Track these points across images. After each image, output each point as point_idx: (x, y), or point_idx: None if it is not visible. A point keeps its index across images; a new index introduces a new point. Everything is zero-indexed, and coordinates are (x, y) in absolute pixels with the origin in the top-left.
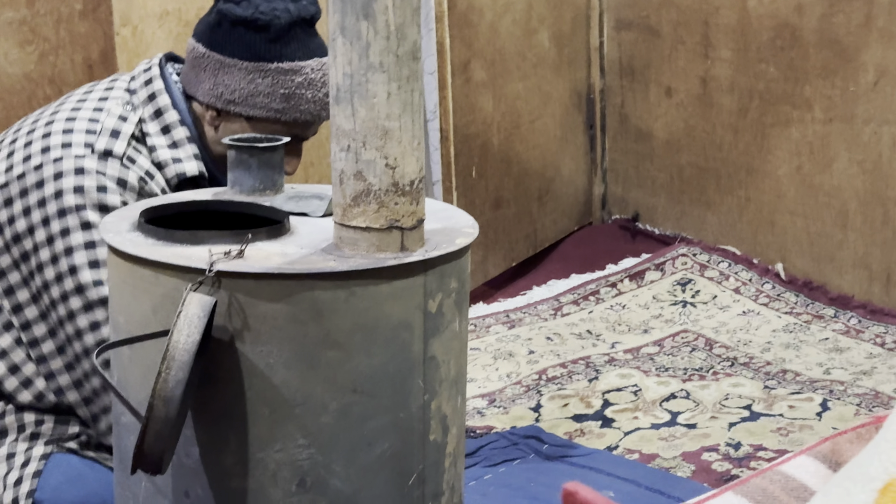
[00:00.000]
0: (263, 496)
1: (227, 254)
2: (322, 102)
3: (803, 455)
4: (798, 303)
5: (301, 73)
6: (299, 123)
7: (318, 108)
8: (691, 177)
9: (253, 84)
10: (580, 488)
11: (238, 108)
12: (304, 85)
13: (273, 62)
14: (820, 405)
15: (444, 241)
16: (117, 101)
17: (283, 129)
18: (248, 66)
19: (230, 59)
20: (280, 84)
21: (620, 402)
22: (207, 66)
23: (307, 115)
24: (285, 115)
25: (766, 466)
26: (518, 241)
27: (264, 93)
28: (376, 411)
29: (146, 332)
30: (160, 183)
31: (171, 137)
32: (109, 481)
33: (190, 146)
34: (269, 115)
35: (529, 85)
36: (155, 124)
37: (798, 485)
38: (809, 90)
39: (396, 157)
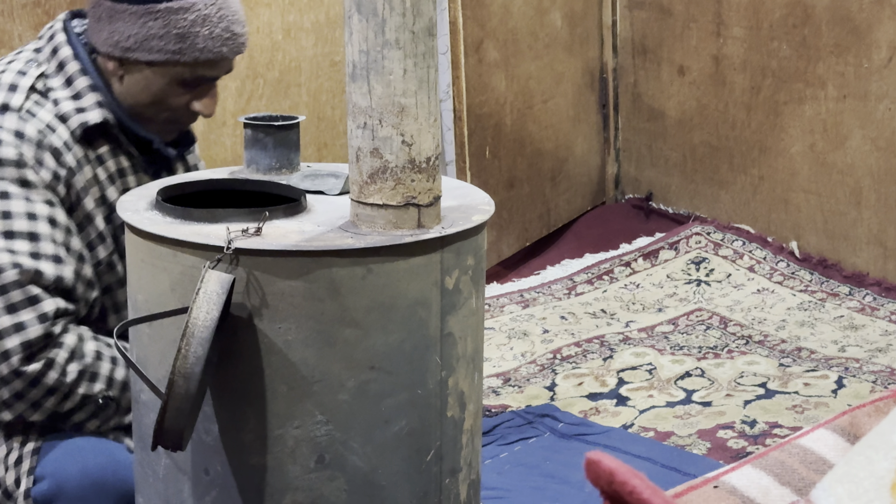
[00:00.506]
0: (282, 473)
1: (244, 231)
2: (221, 38)
3: (822, 428)
4: (812, 281)
5: (193, 10)
6: (201, 63)
7: (218, 45)
8: (704, 155)
9: (145, 28)
10: (603, 457)
11: (135, 55)
12: (199, 22)
13: (161, 2)
14: (835, 382)
15: (461, 218)
16: (21, 60)
17: (186, 70)
18: (137, 9)
19: (120, 4)
20: (172, 24)
21: (635, 380)
22: (102, 15)
23: (207, 54)
24: (184, 55)
25: (784, 440)
26: (532, 221)
27: (157, 35)
28: (394, 388)
29: (165, 309)
30: (63, 136)
31: (74, 88)
32: (107, 451)
33: (92, 94)
34: (167, 57)
35: (542, 64)
36: (59, 78)
37: (817, 458)
38: (822, 68)
39: (413, 134)
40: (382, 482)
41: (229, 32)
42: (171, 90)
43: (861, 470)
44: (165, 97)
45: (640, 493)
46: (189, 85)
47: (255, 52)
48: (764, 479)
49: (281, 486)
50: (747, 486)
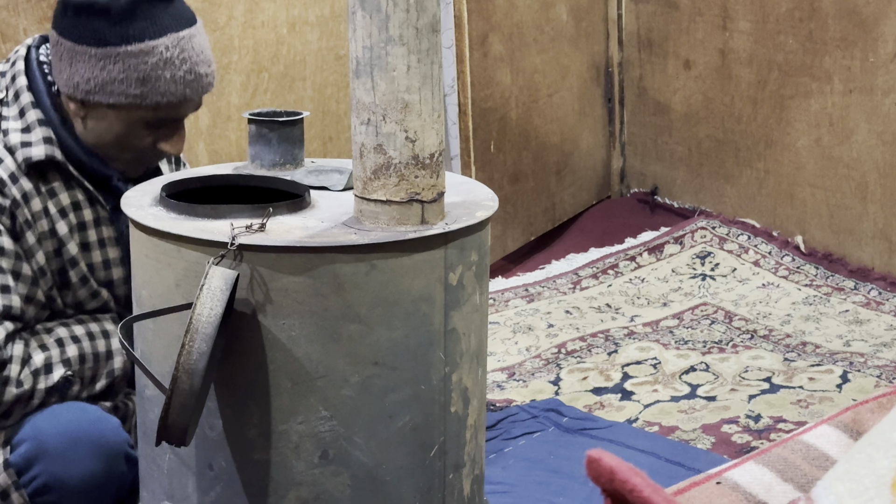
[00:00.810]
0: (286, 468)
1: (248, 227)
2: (185, 80)
3: (825, 425)
4: (818, 275)
5: (154, 54)
6: (163, 106)
7: (181, 87)
8: (710, 149)
9: (105, 71)
10: (604, 455)
11: (96, 98)
12: (160, 65)
13: (120, 45)
14: (840, 377)
15: (464, 214)
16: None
17: (149, 113)
18: (96, 52)
19: (79, 45)
20: (133, 67)
21: (640, 374)
22: (63, 54)
23: (169, 97)
24: (146, 99)
25: (787, 436)
26: (537, 216)
27: (118, 79)
28: (397, 384)
29: (169, 305)
30: (9, 167)
31: (25, 121)
32: (79, 408)
33: (41, 129)
34: (129, 101)
35: (547, 58)
36: (13, 107)
37: (819, 454)
38: (829, 61)
39: (416, 130)
40: (386, 477)
41: (193, 74)
42: (134, 132)
43: (862, 468)
44: (129, 139)
45: (641, 492)
46: (153, 126)
47: (259, 47)
48: (767, 476)
49: (285, 481)
50: (750, 483)
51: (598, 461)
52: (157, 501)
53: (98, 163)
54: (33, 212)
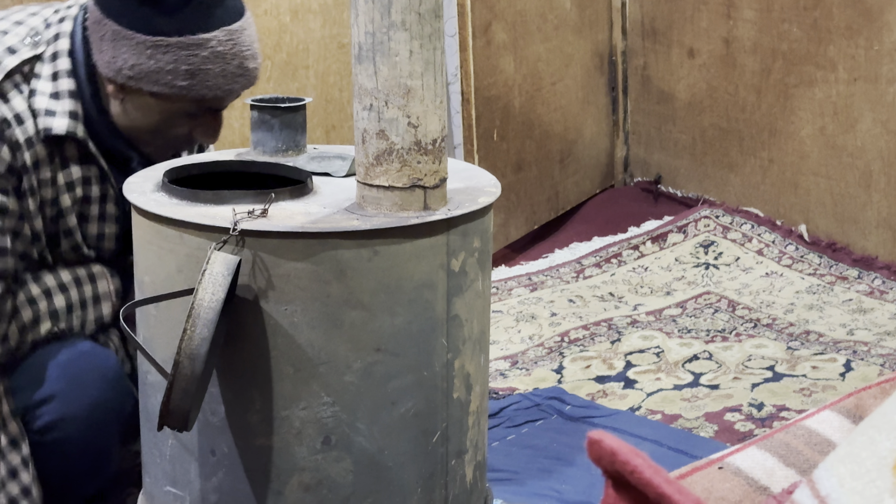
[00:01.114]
0: (288, 454)
1: (250, 213)
2: (233, 75)
3: (827, 410)
4: (821, 264)
5: (206, 47)
6: (208, 99)
7: (228, 83)
8: (714, 138)
9: (153, 60)
10: (605, 436)
11: (139, 84)
12: (210, 59)
13: (172, 36)
14: (843, 366)
15: (467, 199)
16: (24, 31)
17: (192, 105)
18: (145, 40)
19: (127, 30)
20: (182, 60)
21: (643, 363)
22: (106, 35)
23: (216, 91)
24: (191, 91)
25: (789, 422)
26: (540, 204)
27: (166, 70)
28: (400, 370)
29: (171, 290)
30: (28, 130)
31: (56, 87)
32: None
33: (69, 101)
34: (173, 91)
35: (551, 47)
36: (48, 67)
37: (822, 439)
38: (833, 50)
39: (419, 116)
40: (389, 463)
41: (242, 69)
42: (173, 121)
43: (863, 450)
44: (166, 127)
45: (642, 473)
46: (192, 116)
47: (262, 35)
48: (769, 461)
49: (287, 466)
50: (752, 468)
51: (599, 443)
52: (160, 487)
53: (123, 144)
54: (40, 179)
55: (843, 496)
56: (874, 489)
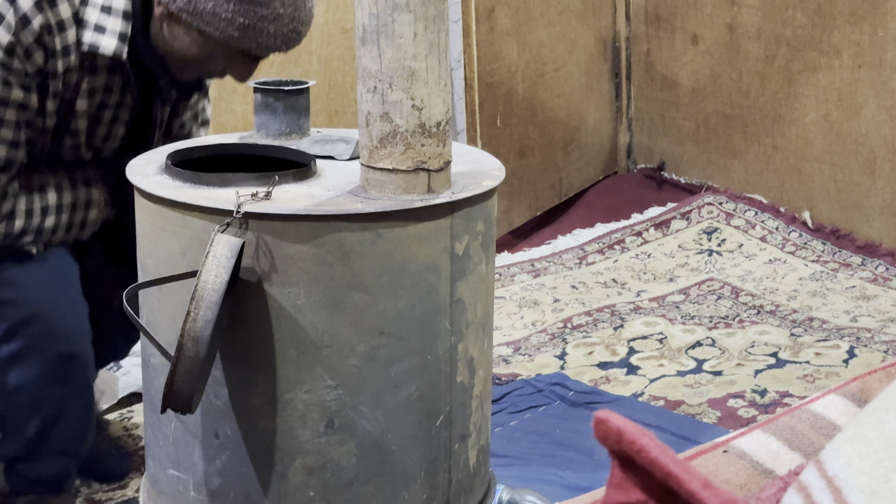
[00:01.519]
0: (292, 436)
1: (254, 196)
2: (285, 37)
3: (832, 394)
4: (825, 251)
5: (269, 6)
6: (253, 51)
7: (279, 43)
8: (717, 125)
9: (213, 3)
10: (611, 416)
11: (192, 20)
12: (269, 18)
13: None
14: (846, 352)
15: (471, 183)
16: None
17: (237, 52)
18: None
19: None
20: (242, 12)
21: (646, 349)
22: None
23: (264, 48)
24: (241, 42)
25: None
26: (543, 191)
27: (223, 16)
28: (403, 353)
29: (174, 273)
30: (68, 39)
31: (110, 1)
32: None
33: (121, 21)
34: (223, 38)
35: (554, 32)
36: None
37: (827, 423)
38: (837, 36)
39: (423, 99)
40: (392, 446)
41: (295, 33)
42: (213, 58)
43: (871, 430)
44: (204, 62)
45: (649, 452)
46: (232, 58)
47: None
48: (774, 444)
49: (291, 449)
50: (757, 451)
51: (605, 422)
52: (163, 470)
53: (157, 64)
54: (66, 83)
55: (850, 476)
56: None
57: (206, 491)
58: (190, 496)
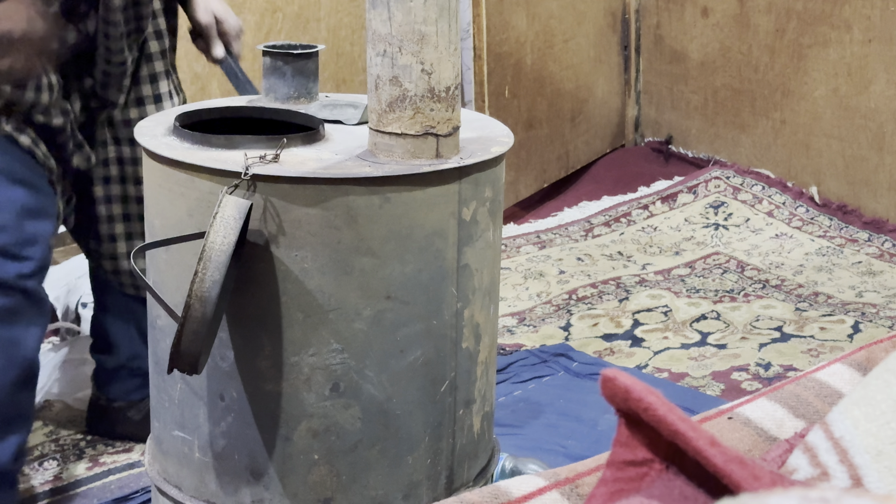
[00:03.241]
0: (297, 400)
1: (262, 158)
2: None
3: (838, 363)
4: (832, 226)
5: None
6: None
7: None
8: (726, 99)
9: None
10: (619, 374)
11: None
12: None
13: None
14: (851, 327)
15: (479, 149)
16: None
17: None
18: None
19: None
20: None
21: (650, 322)
22: None
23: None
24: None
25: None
26: (550, 163)
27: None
28: (409, 318)
29: (182, 234)
30: None
31: None
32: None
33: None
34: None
35: (564, 3)
36: None
37: (832, 391)
38: (848, 10)
39: (433, 63)
40: (397, 411)
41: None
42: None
43: (878, 393)
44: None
45: (656, 410)
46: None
47: None
48: (779, 412)
49: (296, 412)
50: (762, 418)
51: (612, 380)
52: (168, 431)
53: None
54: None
55: (857, 437)
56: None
57: (210, 452)
58: (195, 457)
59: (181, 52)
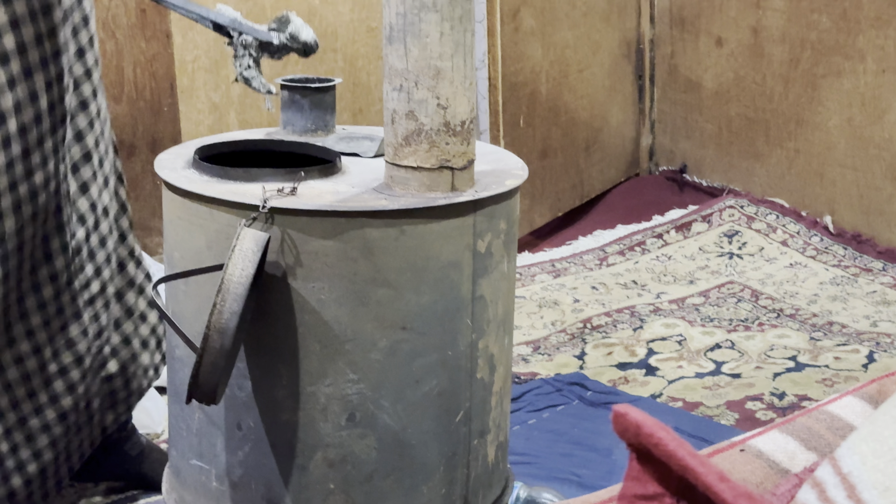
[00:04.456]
0: (313, 429)
1: (280, 191)
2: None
3: (849, 396)
4: (846, 256)
5: None
6: None
7: None
8: (740, 128)
9: None
10: (630, 409)
11: None
12: None
13: None
14: (866, 357)
15: (494, 182)
16: None
17: None
18: None
19: None
20: None
21: (665, 351)
22: None
23: None
24: None
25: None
26: (565, 191)
27: None
28: (425, 349)
29: (200, 266)
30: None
31: None
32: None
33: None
34: None
35: (579, 34)
36: None
37: (844, 424)
38: (862, 40)
39: (448, 97)
40: (412, 441)
41: None
42: None
43: (886, 429)
44: None
45: (666, 446)
46: None
47: None
48: (790, 444)
49: (312, 442)
50: (773, 451)
51: (624, 416)
52: (186, 460)
53: None
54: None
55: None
56: None
57: (228, 481)
58: (212, 486)
59: (199, 83)
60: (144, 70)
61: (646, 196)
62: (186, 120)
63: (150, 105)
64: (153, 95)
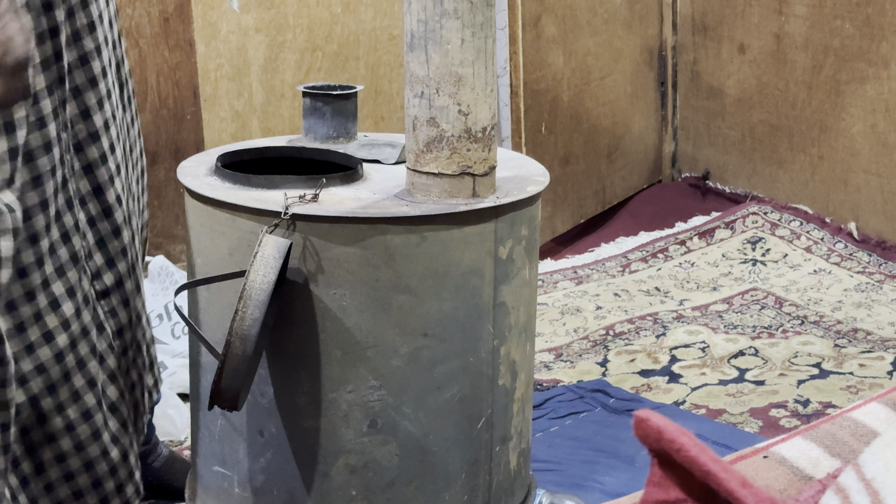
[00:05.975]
0: (335, 436)
1: (301, 197)
2: None
3: (874, 402)
4: (871, 262)
5: None
6: None
7: None
8: (763, 134)
9: None
10: (651, 415)
11: None
12: None
13: None
14: (891, 364)
15: (515, 188)
16: None
17: None
18: None
19: None
20: None
21: (688, 358)
22: None
23: None
24: None
25: (835, 413)
26: (587, 198)
27: None
28: (446, 355)
29: (223, 273)
30: None
31: None
32: None
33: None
34: None
35: (600, 41)
36: None
37: (868, 431)
38: (886, 47)
39: (469, 104)
40: (434, 447)
41: None
42: None
43: None
44: None
45: (688, 451)
46: None
47: (314, 25)
48: (814, 451)
49: (334, 448)
50: (797, 457)
51: (645, 421)
52: (208, 467)
53: None
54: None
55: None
56: None
57: (250, 488)
58: (234, 493)
59: (222, 91)
60: (168, 78)
61: (668, 203)
62: (209, 128)
63: (174, 113)
64: (176, 104)
